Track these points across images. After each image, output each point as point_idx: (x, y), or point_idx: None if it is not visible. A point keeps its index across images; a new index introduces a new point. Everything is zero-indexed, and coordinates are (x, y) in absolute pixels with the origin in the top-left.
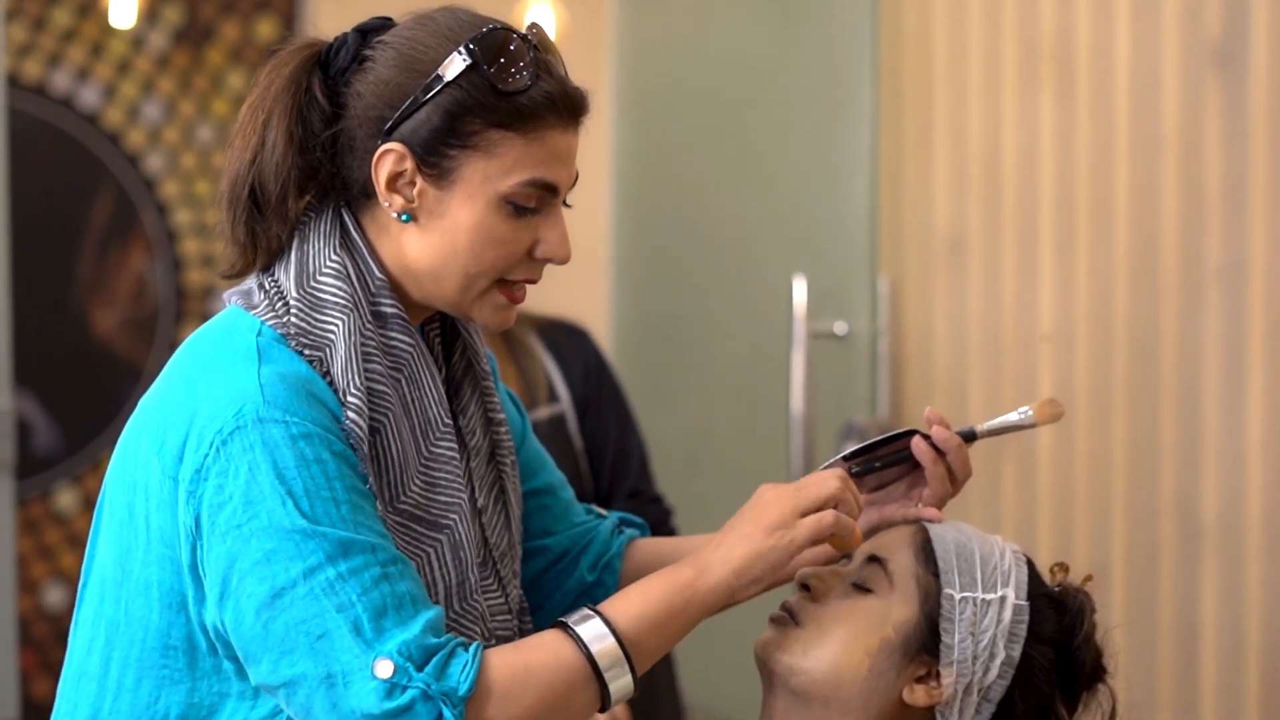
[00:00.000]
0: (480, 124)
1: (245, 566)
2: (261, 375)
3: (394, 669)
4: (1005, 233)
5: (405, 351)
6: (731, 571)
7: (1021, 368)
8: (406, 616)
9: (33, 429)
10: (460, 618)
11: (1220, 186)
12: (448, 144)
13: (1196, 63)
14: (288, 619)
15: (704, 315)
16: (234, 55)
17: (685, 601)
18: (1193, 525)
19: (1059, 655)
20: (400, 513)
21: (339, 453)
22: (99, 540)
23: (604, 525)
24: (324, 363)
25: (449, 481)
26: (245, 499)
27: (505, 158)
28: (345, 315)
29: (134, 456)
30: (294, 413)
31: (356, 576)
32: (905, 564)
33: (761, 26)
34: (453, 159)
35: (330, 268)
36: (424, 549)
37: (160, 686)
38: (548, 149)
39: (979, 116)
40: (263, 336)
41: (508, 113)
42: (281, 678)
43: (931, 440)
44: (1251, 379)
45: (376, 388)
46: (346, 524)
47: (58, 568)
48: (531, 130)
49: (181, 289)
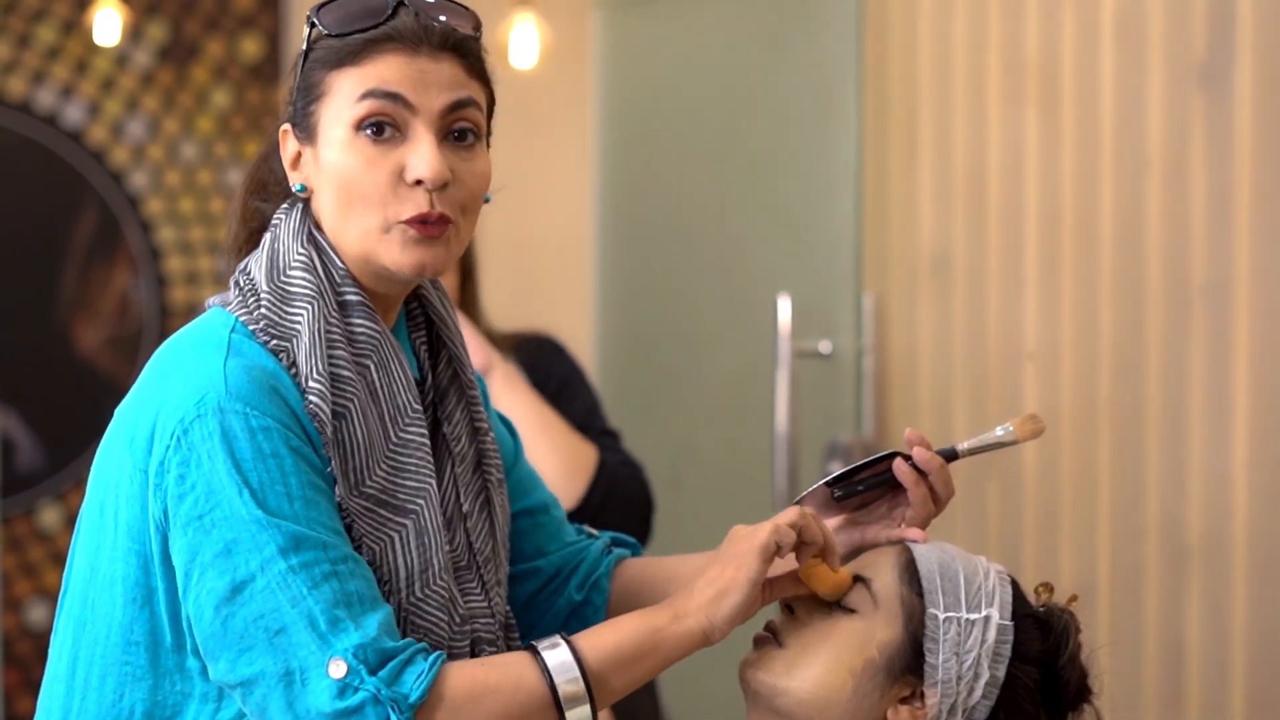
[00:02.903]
0: (322, 73)
1: (206, 559)
2: (227, 367)
3: (347, 670)
4: (990, 251)
5: (371, 338)
6: (706, 617)
7: (1006, 386)
8: (358, 614)
9: (16, 446)
10: (422, 603)
11: (1205, 205)
12: (307, 105)
13: (1181, 82)
14: (246, 614)
15: (689, 333)
16: (218, 73)
17: (655, 645)
18: (1178, 544)
19: (1044, 675)
20: (366, 497)
21: (296, 448)
22: (76, 546)
23: (595, 545)
24: (290, 354)
25: (417, 467)
26: (206, 488)
27: (343, 90)
28: (310, 305)
29: (108, 456)
30: (255, 406)
31: (307, 571)
32: (889, 584)
33: (747, 43)
34: (313, 114)
35: (298, 260)
36: (388, 533)
37: (123, 684)
38: (385, 67)
39: (964, 135)
40: (236, 332)
41: (341, 51)
42: (240, 675)
43: (913, 461)
44: (1236, 398)
45: (341, 373)
46: (299, 518)
47: (41, 585)
48: (366, 59)
49: (165, 306)
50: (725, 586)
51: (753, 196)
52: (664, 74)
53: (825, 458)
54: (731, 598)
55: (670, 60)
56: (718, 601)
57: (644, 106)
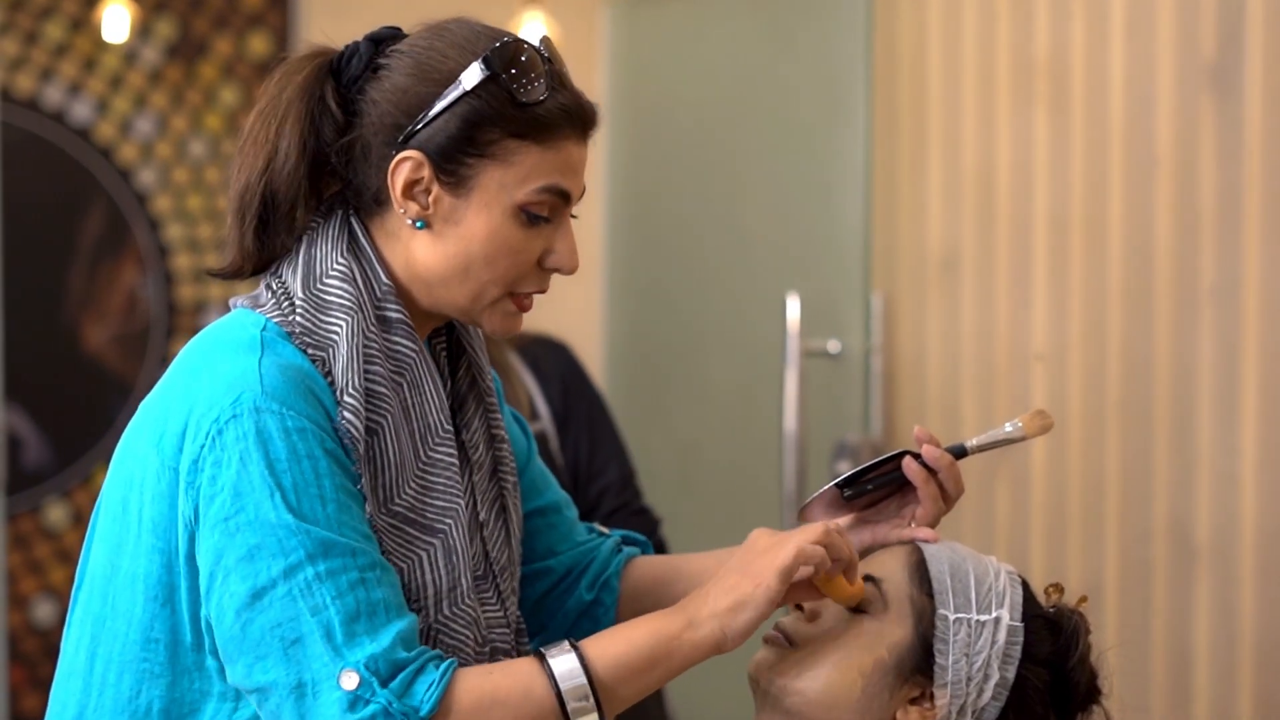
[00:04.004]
0: (498, 133)
1: (230, 563)
2: (262, 365)
3: (359, 681)
4: (999, 251)
5: (408, 356)
6: (720, 627)
7: (1015, 386)
8: (379, 625)
9: (23, 444)
10: (450, 621)
11: (1214, 206)
12: (465, 153)
13: (1191, 82)
14: (264, 621)
15: (697, 332)
16: (227, 70)
17: (669, 652)
18: (1186, 545)
19: (1053, 677)
20: (394, 515)
21: (330, 450)
22: (93, 541)
23: (605, 544)
24: (326, 363)
25: (446, 486)
26: (235, 490)
27: (522, 166)
28: (349, 317)
29: (132, 452)
30: (290, 406)
31: (334, 579)
32: (899, 584)
33: (756, 43)
34: (470, 167)
35: (337, 271)
36: (416, 552)
37: (141, 680)
38: (562, 158)
39: (973, 135)
40: (267, 331)
41: (525, 123)
42: (255, 683)
43: (922, 459)
44: (1245, 398)
45: (376, 389)
46: (330, 523)
47: (47, 583)
48: (548, 140)
49: (173, 304)
50: (742, 599)
51: (761, 196)
52: (673, 72)
53: (833, 457)
54: (748, 612)
55: (680, 59)
56: (734, 613)
57: (653, 105)
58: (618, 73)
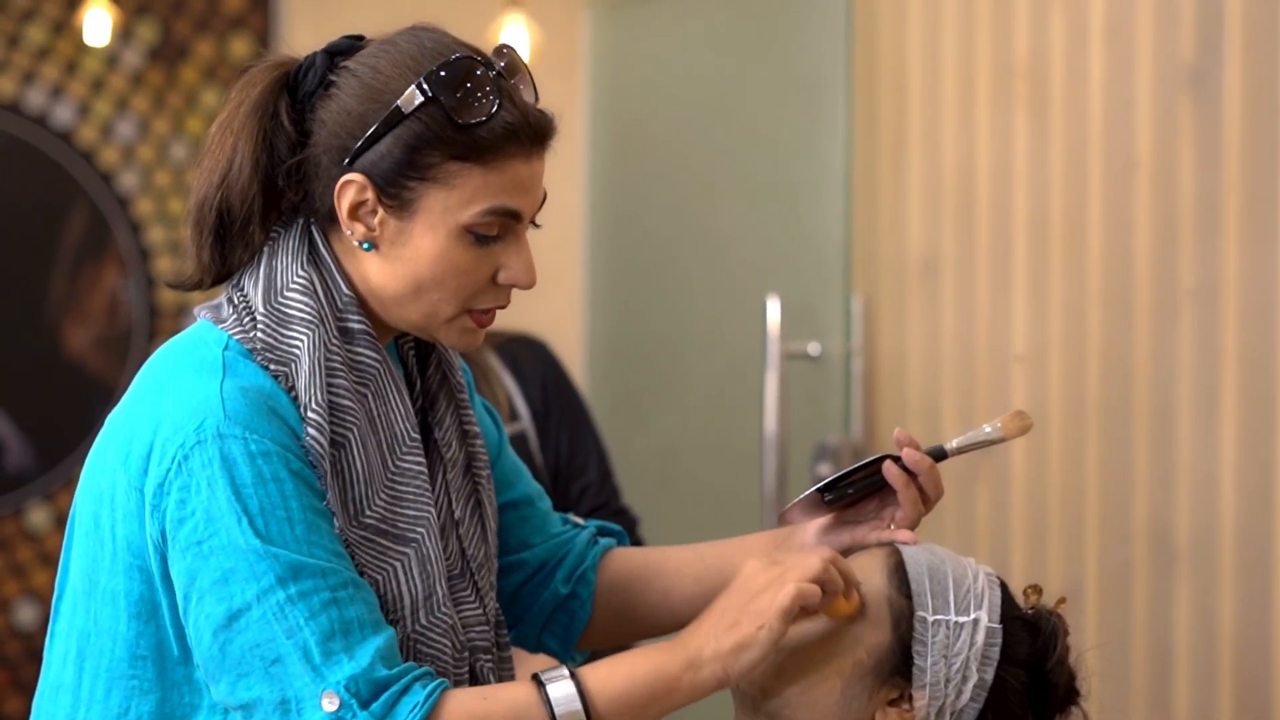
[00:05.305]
0: (439, 156)
1: (204, 585)
2: (224, 389)
3: (339, 704)
4: (979, 253)
5: (371, 367)
6: (723, 668)
7: (995, 388)
8: (354, 643)
9: (5, 446)
10: (428, 630)
11: (1193, 208)
12: (407, 176)
13: (1170, 85)
14: (243, 642)
15: (677, 334)
16: (208, 73)
17: (669, 691)
18: (1166, 546)
19: (1032, 678)
20: (365, 527)
21: (296, 471)
22: (71, 553)
23: (581, 536)
24: (289, 378)
25: (416, 495)
26: (205, 515)
27: (464, 189)
28: (310, 330)
29: (101, 468)
30: (254, 429)
31: (305, 600)
32: (878, 586)
33: (735, 46)
34: (412, 190)
35: (297, 283)
36: (390, 563)
37: (130, 697)
38: (508, 178)
39: (953, 137)
40: (229, 350)
41: (466, 145)
42: (239, 700)
43: (902, 462)
44: (1224, 400)
45: (341, 402)
46: (300, 544)
47: (30, 586)
48: (490, 161)
49: (154, 307)
50: (745, 641)
51: (742, 198)
52: (654, 75)
53: (814, 459)
54: (752, 654)
55: (660, 62)
56: (736, 654)
57: (634, 107)
58: (598, 76)
